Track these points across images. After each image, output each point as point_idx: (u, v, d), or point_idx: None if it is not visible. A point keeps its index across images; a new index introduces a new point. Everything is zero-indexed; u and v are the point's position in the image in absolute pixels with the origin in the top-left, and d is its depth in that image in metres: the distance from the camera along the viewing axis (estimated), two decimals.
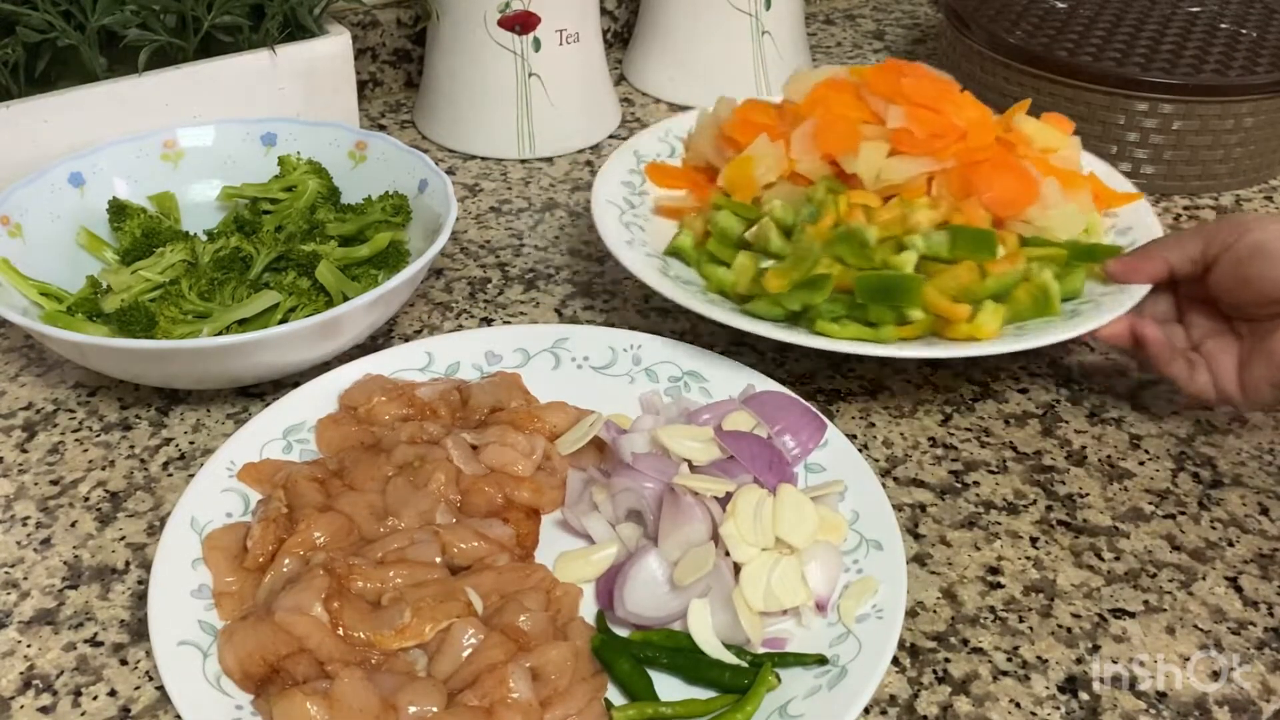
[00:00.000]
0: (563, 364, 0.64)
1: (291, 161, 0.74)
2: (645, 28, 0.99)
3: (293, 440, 0.58)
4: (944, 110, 0.69)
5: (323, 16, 0.80)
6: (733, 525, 0.50)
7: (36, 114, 0.70)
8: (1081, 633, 0.52)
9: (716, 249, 0.68)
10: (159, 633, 0.47)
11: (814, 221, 0.64)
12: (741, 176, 0.70)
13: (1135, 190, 0.73)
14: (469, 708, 0.45)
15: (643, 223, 0.72)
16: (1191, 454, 0.63)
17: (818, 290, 0.60)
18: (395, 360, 0.62)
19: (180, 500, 0.53)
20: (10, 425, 0.62)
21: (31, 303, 0.64)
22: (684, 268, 0.69)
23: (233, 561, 0.51)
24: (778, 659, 0.48)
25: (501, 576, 0.50)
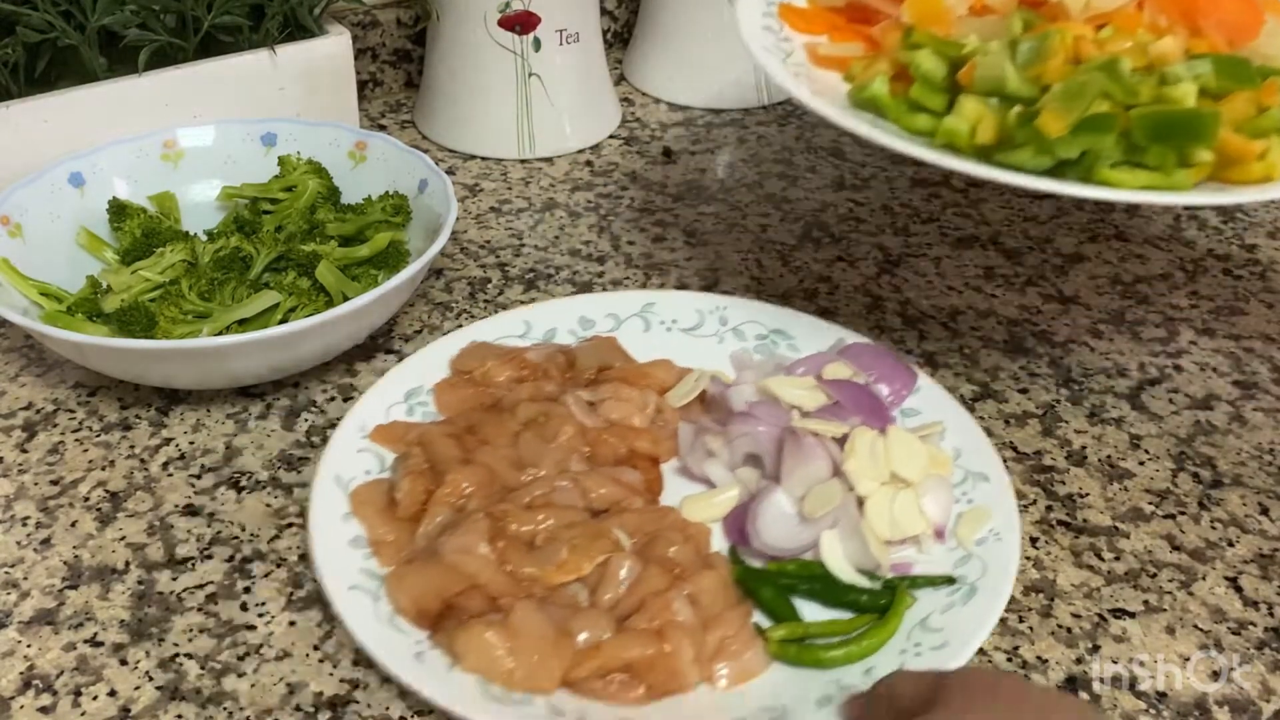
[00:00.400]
0: (652, 327, 0.67)
1: (291, 161, 0.74)
2: (645, 28, 0.99)
3: (414, 404, 0.61)
4: None
5: (323, 16, 0.80)
6: (854, 462, 0.54)
7: (36, 114, 0.70)
8: (1081, 633, 0.52)
9: (922, 95, 0.60)
10: (331, 582, 0.50)
11: (1036, 60, 0.57)
12: (930, 10, 0.63)
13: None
14: (639, 631, 0.48)
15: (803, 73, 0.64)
16: (1191, 454, 0.63)
17: (1103, 130, 0.54)
18: (496, 328, 0.66)
19: (322, 461, 0.56)
20: (10, 425, 0.62)
21: (31, 303, 0.64)
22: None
23: (383, 514, 0.54)
24: (909, 581, 0.52)
25: (640, 517, 0.54)
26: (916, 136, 0.59)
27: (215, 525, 0.57)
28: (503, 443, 0.57)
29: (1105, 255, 0.80)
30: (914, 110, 0.60)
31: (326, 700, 0.49)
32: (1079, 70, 0.56)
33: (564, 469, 0.56)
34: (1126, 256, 0.80)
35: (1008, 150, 0.56)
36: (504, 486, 0.55)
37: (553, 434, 0.57)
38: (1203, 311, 0.74)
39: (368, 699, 0.49)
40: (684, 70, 0.97)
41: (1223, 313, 0.74)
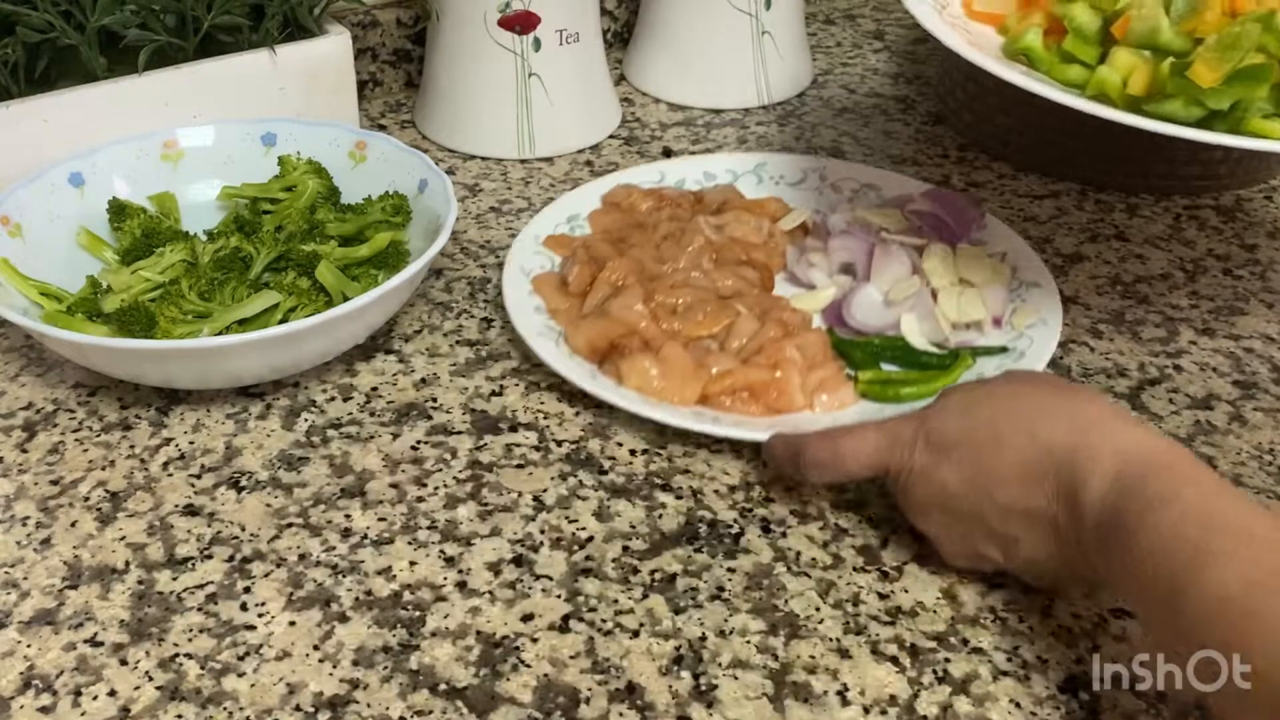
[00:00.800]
0: (764, 181, 0.83)
1: (291, 161, 0.74)
2: (645, 28, 0.99)
3: (574, 225, 0.77)
4: None
5: (323, 16, 0.80)
6: (930, 263, 0.70)
7: (36, 114, 0.70)
8: (1081, 633, 0.52)
9: (1075, 48, 0.62)
10: (525, 328, 0.66)
11: (1192, 14, 0.58)
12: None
13: (1207, 197, 0.69)
14: (758, 365, 0.64)
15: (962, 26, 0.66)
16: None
17: (1257, 82, 0.55)
18: (636, 176, 0.81)
19: (508, 258, 0.72)
20: (10, 425, 0.62)
21: (31, 303, 0.64)
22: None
23: (557, 291, 0.70)
24: (970, 351, 0.67)
25: (757, 299, 0.70)
26: (1069, 87, 0.61)
27: (215, 525, 0.57)
28: (647, 248, 0.73)
29: (1105, 255, 0.80)
30: (1067, 62, 0.62)
31: (326, 700, 0.49)
32: (1234, 23, 0.56)
33: (696, 265, 0.72)
34: (1126, 256, 0.80)
35: (1159, 101, 0.57)
36: (651, 275, 0.70)
37: (687, 243, 0.72)
38: (1203, 311, 0.74)
39: (368, 699, 0.49)
40: (684, 70, 0.97)
41: (1223, 313, 0.74)
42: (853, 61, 1.08)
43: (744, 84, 0.96)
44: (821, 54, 1.09)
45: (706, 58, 0.96)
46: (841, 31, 1.14)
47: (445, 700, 0.49)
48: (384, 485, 0.59)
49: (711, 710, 0.48)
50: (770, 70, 0.96)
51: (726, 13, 0.94)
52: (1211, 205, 0.86)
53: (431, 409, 0.64)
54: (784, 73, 0.98)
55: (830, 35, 1.13)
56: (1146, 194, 0.87)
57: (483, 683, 0.49)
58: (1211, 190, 0.87)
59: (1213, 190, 0.87)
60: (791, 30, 0.98)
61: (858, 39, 1.12)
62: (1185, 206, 0.86)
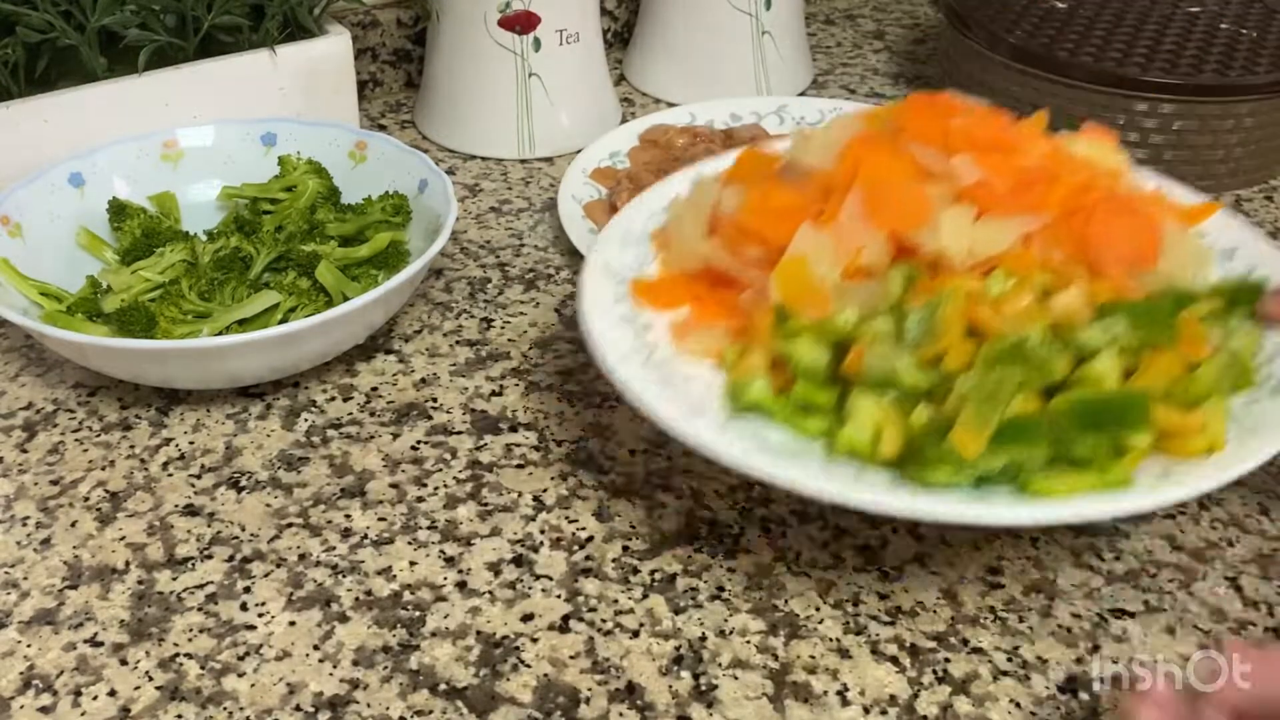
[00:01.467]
0: (785, 122, 0.89)
1: (291, 161, 0.74)
2: (645, 28, 0.99)
3: (615, 161, 0.84)
4: (1019, 147, 0.55)
5: (323, 16, 0.80)
6: None
7: (36, 114, 0.70)
8: (1081, 633, 0.52)
9: (808, 394, 0.51)
10: (582, 248, 0.72)
11: (929, 339, 0.49)
12: (799, 285, 0.53)
13: (1207, 198, 0.61)
14: None
15: (663, 366, 0.54)
16: None
17: (1028, 441, 0.46)
18: (668, 118, 0.88)
19: (560, 188, 0.78)
20: (10, 425, 0.62)
21: (31, 303, 0.64)
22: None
23: (608, 216, 0.73)
24: None
25: None
26: (813, 444, 0.50)
27: (215, 525, 0.57)
28: None
29: None
30: (806, 412, 0.51)
31: (326, 700, 0.49)
32: (985, 356, 0.48)
33: None
34: None
35: (921, 466, 0.47)
36: None
37: None
38: None
39: (368, 699, 0.49)
40: (684, 70, 0.97)
41: None
42: (853, 61, 1.08)
43: (744, 84, 0.96)
44: (821, 54, 1.09)
45: (706, 58, 0.96)
46: (841, 31, 1.14)
47: (445, 700, 0.49)
48: (384, 485, 0.59)
49: (711, 710, 0.48)
50: (770, 70, 0.96)
51: (726, 13, 0.94)
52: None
53: (431, 409, 0.64)
54: (784, 73, 0.98)
55: (830, 35, 1.13)
56: None
57: (483, 683, 0.49)
58: (1211, 190, 0.87)
59: (1213, 190, 0.87)
60: (791, 30, 0.98)
61: (858, 39, 1.12)
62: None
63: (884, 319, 0.50)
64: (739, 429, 0.50)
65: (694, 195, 0.60)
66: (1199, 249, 0.56)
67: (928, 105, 0.58)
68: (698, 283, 0.58)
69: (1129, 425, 0.46)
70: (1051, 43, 0.88)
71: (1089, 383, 0.48)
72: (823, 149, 0.57)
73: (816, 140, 0.58)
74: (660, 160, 0.83)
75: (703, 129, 0.87)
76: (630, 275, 0.59)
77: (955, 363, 0.49)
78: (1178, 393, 0.48)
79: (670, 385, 0.52)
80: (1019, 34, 0.89)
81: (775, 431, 0.51)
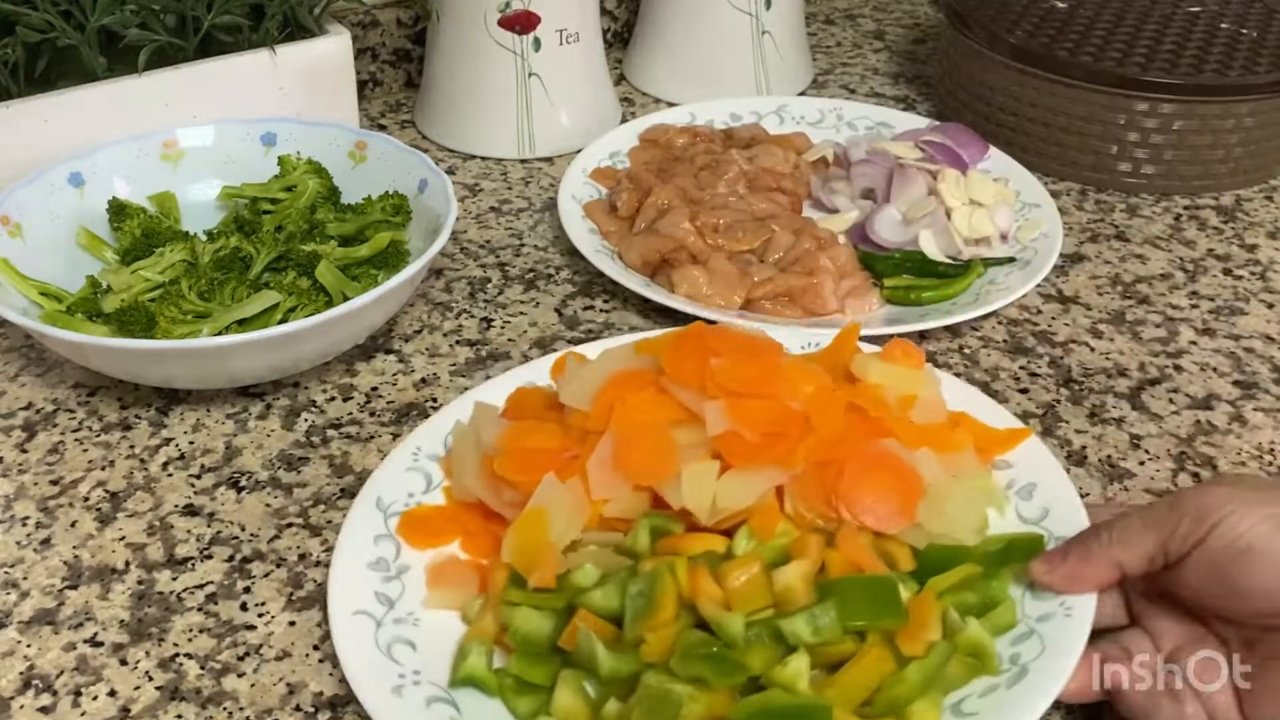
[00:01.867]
0: (785, 121, 0.90)
1: (291, 161, 0.74)
2: (645, 28, 0.99)
3: (616, 161, 0.84)
4: (774, 391, 0.51)
5: (323, 16, 0.80)
6: (944, 185, 0.77)
7: (36, 114, 0.70)
8: None
9: (524, 669, 0.46)
10: (584, 247, 0.74)
11: (648, 610, 0.45)
12: (533, 542, 0.49)
13: (1020, 425, 0.57)
14: (796, 273, 0.71)
15: (411, 625, 0.49)
16: (1192, 454, 0.63)
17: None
18: (668, 117, 0.88)
19: (560, 188, 0.79)
20: (10, 425, 0.62)
21: (31, 303, 0.64)
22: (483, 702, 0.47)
23: (607, 216, 0.78)
24: (982, 261, 0.75)
25: (789, 219, 0.77)
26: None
27: (215, 525, 0.57)
28: (687, 177, 0.79)
29: (1105, 255, 0.80)
30: (518, 689, 0.46)
31: (326, 700, 0.49)
32: (673, 635, 0.45)
33: (733, 190, 0.78)
34: (1126, 256, 0.80)
35: None
36: (692, 199, 0.76)
37: (723, 172, 0.79)
38: (1203, 311, 0.74)
39: None
40: (684, 70, 0.97)
41: (1223, 313, 0.74)
42: (853, 61, 1.08)
43: (744, 84, 0.96)
44: (821, 54, 1.08)
45: (706, 58, 0.96)
46: (841, 31, 1.14)
47: None
48: None
49: None
50: (770, 70, 0.96)
51: (726, 13, 0.94)
52: (1211, 205, 0.86)
53: (431, 409, 0.64)
54: (784, 73, 0.98)
55: (830, 35, 1.13)
56: (1146, 194, 0.87)
57: None
58: (1211, 190, 0.87)
59: (1213, 190, 0.87)
60: (791, 30, 0.98)
61: (858, 39, 1.12)
62: (1185, 206, 0.86)
63: (603, 591, 0.47)
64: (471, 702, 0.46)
65: (472, 423, 0.56)
66: (984, 493, 0.52)
67: (690, 342, 0.53)
68: (472, 515, 0.54)
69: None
70: (1051, 42, 0.88)
71: (780, 683, 0.44)
72: (584, 385, 0.54)
73: (580, 376, 0.54)
74: (660, 160, 0.83)
75: (703, 129, 0.88)
76: (404, 507, 0.54)
77: (654, 651, 0.44)
78: (878, 699, 0.44)
79: (395, 648, 0.48)
80: (1019, 34, 0.89)
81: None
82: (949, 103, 0.95)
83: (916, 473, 0.50)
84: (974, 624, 0.46)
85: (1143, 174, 0.86)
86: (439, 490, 0.55)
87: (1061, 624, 0.46)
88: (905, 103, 0.99)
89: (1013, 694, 0.44)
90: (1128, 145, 0.85)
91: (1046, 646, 0.46)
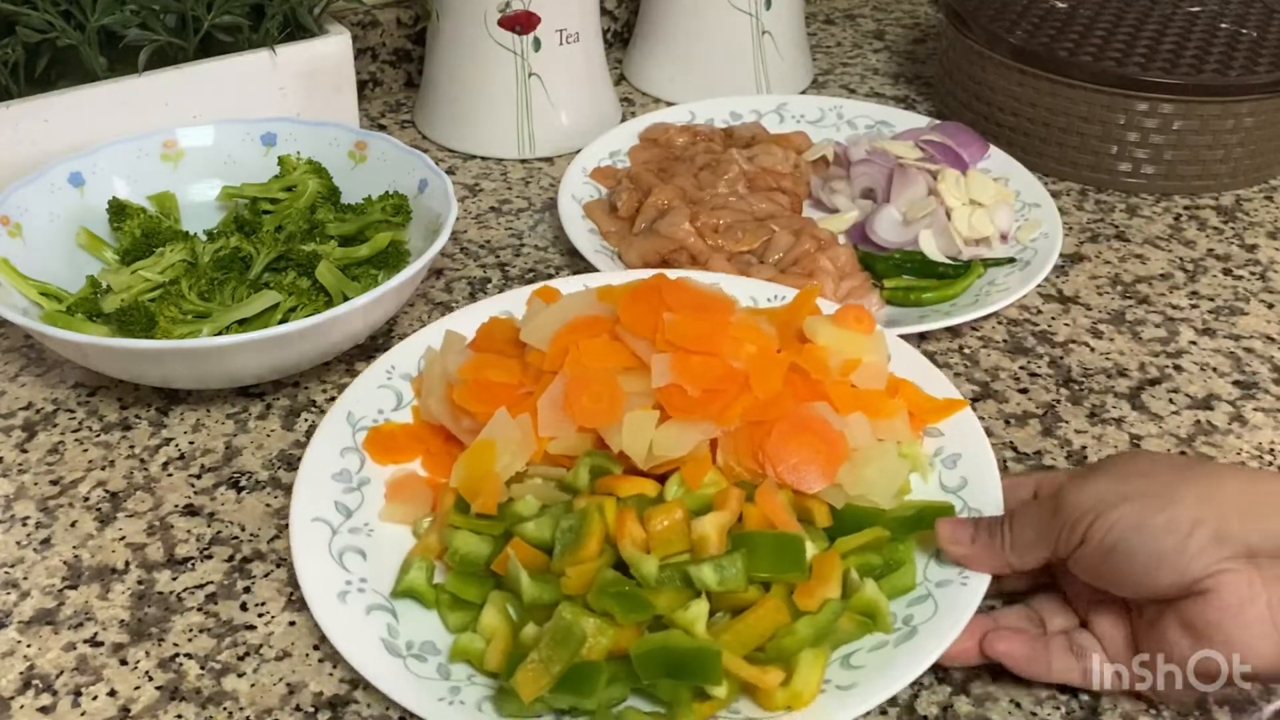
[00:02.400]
0: (785, 120, 0.90)
1: (291, 161, 0.74)
2: (645, 28, 0.99)
3: (616, 160, 0.84)
4: (719, 349, 0.54)
5: (323, 16, 0.80)
6: (944, 185, 0.77)
7: (36, 114, 0.70)
8: None
9: (459, 587, 0.50)
10: (584, 248, 0.73)
11: (575, 544, 0.49)
12: (479, 471, 0.52)
13: (958, 395, 0.59)
14: (796, 274, 0.71)
15: (365, 535, 0.53)
16: (1192, 454, 0.63)
17: (589, 688, 0.45)
18: (668, 117, 0.88)
19: (560, 188, 0.79)
20: (10, 425, 0.62)
21: (31, 303, 0.64)
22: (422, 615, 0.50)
23: (608, 216, 0.78)
24: (981, 262, 0.74)
25: (789, 220, 0.76)
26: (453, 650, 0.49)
27: (215, 525, 0.57)
28: (687, 177, 0.79)
29: (1105, 255, 0.80)
30: (453, 604, 0.50)
31: (326, 700, 0.49)
32: (594, 572, 0.48)
33: (734, 190, 0.79)
34: (1126, 256, 0.80)
35: (505, 697, 0.46)
36: (692, 200, 0.76)
37: (723, 172, 0.79)
38: (1203, 311, 0.74)
39: (367, 699, 0.49)
40: (684, 70, 0.97)
41: (1223, 313, 0.74)
42: (853, 61, 1.08)
43: (744, 84, 0.96)
44: (821, 54, 1.09)
45: (706, 58, 0.96)
46: (841, 31, 1.14)
47: None
48: None
49: None
50: (770, 70, 0.96)
51: (726, 13, 0.94)
52: (1211, 205, 0.86)
53: None
54: (784, 73, 0.98)
55: (830, 35, 1.13)
56: (1146, 194, 0.87)
57: None
58: (1211, 190, 0.87)
59: (1213, 190, 0.87)
60: (791, 30, 0.98)
61: (858, 39, 1.12)
62: (1185, 206, 0.86)
63: (536, 523, 0.50)
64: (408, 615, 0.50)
65: (443, 349, 0.60)
66: (906, 459, 0.55)
67: (647, 293, 0.56)
68: (435, 435, 0.57)
69: (701, 677, 0.45)
70: (1051, 42, 0.88)
71: (680, 625, 0.46)
72: (544, 326, 0.57)
73: (540, 317, 0.58)
74: (660, 159, 0.83)
75: (703, 128, 0.88)
76: (373, 422, 0.57)
77: (574, 584, 0.48)
78: (769, 646, 0.47)
79: (346, 556, 0.51)
80: (1019, 34, 0.89)
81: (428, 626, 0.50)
82: (949, 103, 0.95)
83: (842, 437, 0.54)
84: (870, 585, 0.49)
85: (1143, 174, 0.86)
86: (408, 409, 0.59)
87: (957, 592, 0.49)
88: (905, 102, 0.99)
89: (899, 652, 0.47)
90: (1128, 145, 0.85)
91: (939, 610, 0.49)
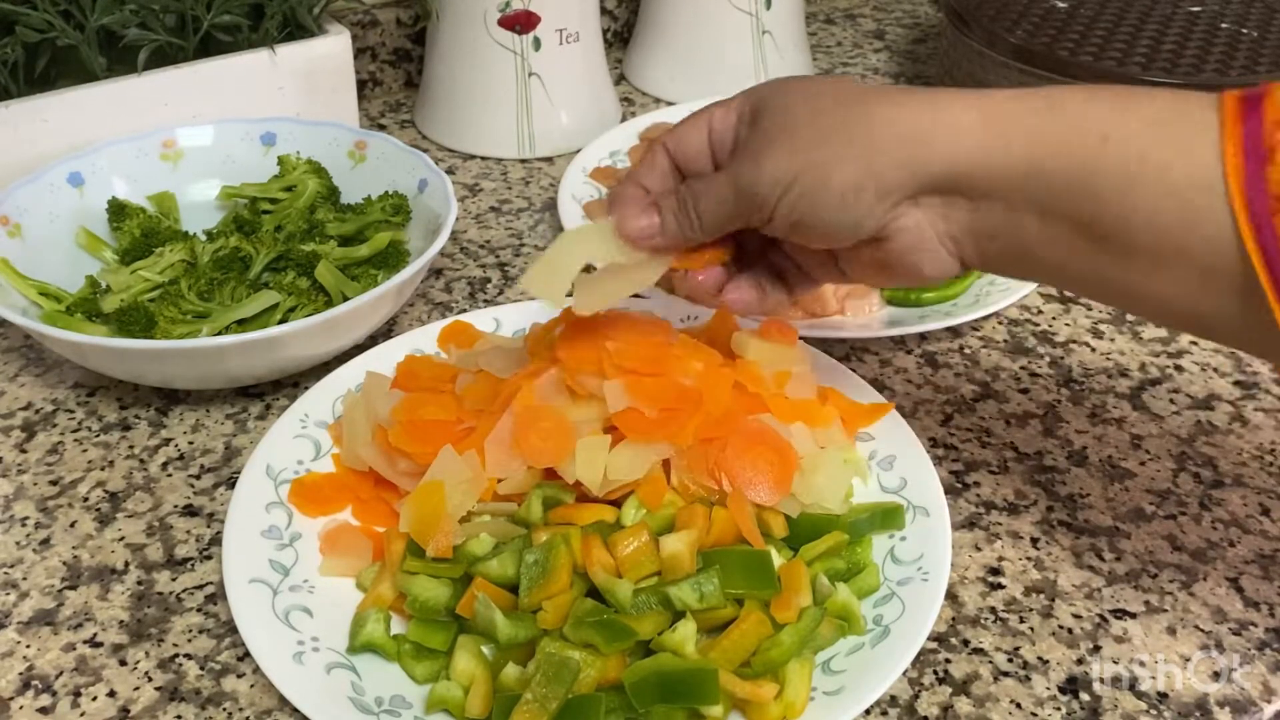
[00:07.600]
0: None
1: (291, 161, 0.74)
2: (645, 28, 0.99)
3: (616, 160, 0.85)
4: (668, 369, 0.54)
5: (322, 16, 0.80)
6: None
7: (36, 114, 0.70)
8: (1082, 633, 0.52)
9: (422, 635, 0.48)
10: (571, 226, 0.73)
11: (543, 578, 0.47)
12: (431, 513, 0.50)
13: (882, 399, 0.60)
14: None
15: (307, 592, 0.51)
16: (1192, 454, 0.63)
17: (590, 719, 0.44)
18: (668, 117, 0.89)
19: (560, 188, 0.79)
20: (9, 425, 0.62)
21: (31, 303, 0.64)
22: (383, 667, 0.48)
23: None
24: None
25: None
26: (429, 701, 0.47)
27: (215, 525, 0.57)
28: None
29: None
30: (417, 654, 0.48)
31: None
32: (573, 617, 0.47)
33: None
34: None
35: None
36: None
37: None
38: None
39: None
40: (684, 70, 0.97)
41: None
42: (853, 61, 1.07)
43: (744, 84, 0.96)
44: (821, 54, 1.08)
45: (706, 58, 0.96)
46: (841, 31, 1.14)
47: None
48: None
49: None
50: (771, 70, 0.96)
51: (726, 13, 0.94)
52: None
53: None
54: (784, 72, 0.98)
55: (830, 35, 1.13)
56: None
57: None
58: None
59: None
60: (791, 30, 0.98)
61: (858, 39, 1.12)
62: None
63: (499, 560, 0.49)
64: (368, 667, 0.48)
65: (365, 392, 0.58)
66: (849, 465, 0.56)
67: (583, 330, 0.55)
68: (364, 482, 0.55)
69: (698, 699, 0.45)
70: (1052, 42, 0.88)
71: (669, 648, 0.46)
72: (489, 363, 0.57)
73: (487, 353, 0.58)
74: None
75: None
76: (294, 474, 0.56)
77: (550, 618, 0.47)
78: (755, 660, 0.47)
79: (293, 615, 0.49)
80: (1019, 33, 0.89)
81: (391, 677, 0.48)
82: None
83: (791, 448, 0.54)
84: (842, 589, 0.50)
85: None
86: (328, 457, 0.57)
87: (920, 588, 0.50)
88: None
89: (877, 652, 0.48)
90: None
91: (906, 608, 0.49)
